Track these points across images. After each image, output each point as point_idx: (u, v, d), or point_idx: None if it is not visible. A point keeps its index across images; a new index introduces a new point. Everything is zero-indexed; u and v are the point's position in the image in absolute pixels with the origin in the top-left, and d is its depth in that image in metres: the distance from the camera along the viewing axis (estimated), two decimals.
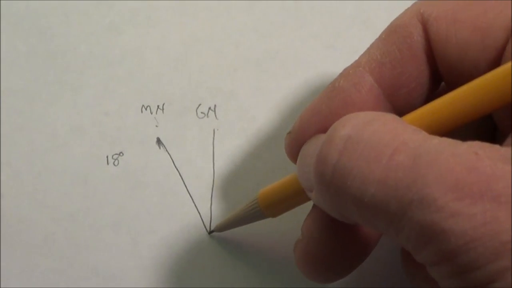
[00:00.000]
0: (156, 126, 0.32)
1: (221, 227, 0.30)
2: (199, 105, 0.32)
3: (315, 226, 0.24)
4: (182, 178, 0.31)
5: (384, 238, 0.26)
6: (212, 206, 0.31)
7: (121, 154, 0.31)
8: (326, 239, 0.24)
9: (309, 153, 0.23)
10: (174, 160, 0.31)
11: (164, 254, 0.30)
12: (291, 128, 0.25)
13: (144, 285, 0.30)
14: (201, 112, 0.32)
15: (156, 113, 0.32)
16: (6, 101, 0.32)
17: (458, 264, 0.18)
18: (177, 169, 0.31)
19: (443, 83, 0.25)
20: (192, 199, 0.31)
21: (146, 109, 0.32)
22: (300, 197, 0.25)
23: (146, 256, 0.30)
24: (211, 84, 0.32)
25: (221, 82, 0.32)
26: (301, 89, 0.32)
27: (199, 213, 0.31)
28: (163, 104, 0.32)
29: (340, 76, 0.24)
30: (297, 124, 0.25)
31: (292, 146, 0.25)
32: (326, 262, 0.24)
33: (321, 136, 0.22)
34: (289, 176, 0.25)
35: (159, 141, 0.32)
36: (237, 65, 0.32)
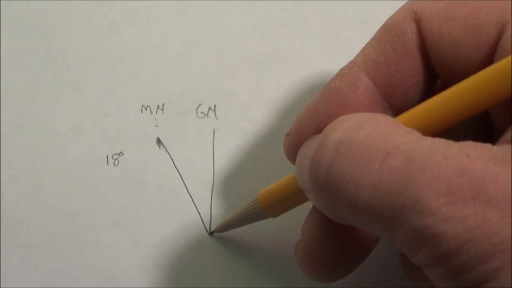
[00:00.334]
0: (156, 126, 0.32)
1: (222, 228, 0.30)
2: (199, 105, 0.32)
3: (315, 227, 0.24)
4: (182, 178, 0.31)
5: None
6: (212, 206, 0.31)
7: (121, 154, 0.31)
8: (326, 240, 0.24)
9: (306, 155, 0.23)
10: (174, 160, 0.31)
11: (164, 254, 0.30)
12: (289, 130, 0.25)
13: (144, 285, 0.30)
14: (201, 112, 0.32)
15: (156, 113, 0.32)
16: (6, 101, 0.32)
17: (452, 266, 0.18)
18: (177, 169, 0.31)
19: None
20: (192, 199, 0.31)
21: (146, 109, 0.32)
22: (300, 197, 0.25)
23: (146, 256, 0.30)
24: (211, 84, 0.32)
25: (221, 82, 0.32)
26: (301, 89, 0.32)
27: (199, 213, 0.31)
28: (163, 104, 0.32)
29: (336, 76, 0.24)
30: (294, 126, 0.25)
31: (291, 148, 0.25)
32: (327, 262, 0.24)
33: (317, 138, 0.22)
34: (288, 176, 0.25)
35: (159, 141, 0.32)
36: (237, 65, 0.32)
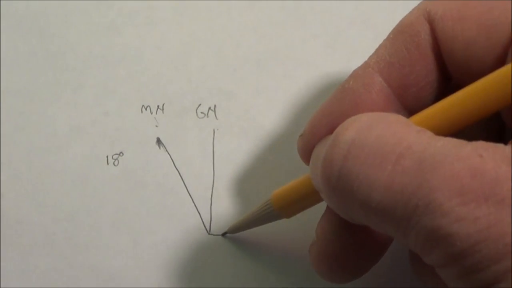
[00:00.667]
0: (156, 126, 0.32)
1: (234, 229, 0.30)
2: (199, 105, 0.32)
3: (329, 228, 0.25)
4: (182, 178, 0.31)
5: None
6: (212, 206, 0.31)
7: (121, 154, 0.31)
8: (341, 240, 0.24)
9: (319, 155, 0.23)
10: (174, 160, 0.31)
11: (164, 254, 0.30)
12: (303, 131, 0.25)
13: (144, 285, 0.30)
14: (201, 112, 0.32)
15: (156, 113, 0.32)
16: (6, 101, 0.32)
17: (464, 266, 0.18)
18: (177, 169, 0.31)
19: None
20: (192, 199, 0.31)
21: (146, 109, 0.32)
22: (314, 198, 0.25)
23: (146, 256, 0.30)
24: (211, 84, 0.32)
25: (221, 82, 0.32)
26: (301, 89, 0.32)
27: (199, 213, 0.31)
28: (163, 104, 0.32)
29: (350, 77, 0.24)
30: (308, 126, 0.25)
31: (305, 148, 0.25)
32: (342, 263, 0.25)
33: (330, 138, 0.22)
34: (303, 177, 0.25)
35: (159, 141, 0.32)
36: (237, 65, 0.32)
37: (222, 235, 0.30)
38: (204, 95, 0.32)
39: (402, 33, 0.24)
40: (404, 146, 0.19)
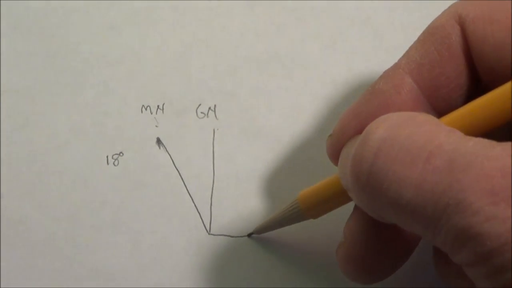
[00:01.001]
0: (156, 126, 0.32)
1: (260, 230, 0.29)
2: (199, 105, 0.32)
3: (357, 228, 0.25)
4: (182, 178, 0.31)
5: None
6: (212, 206, 0.31)
7: (121, 154, 0.31)
8: (369, 241, 0.24)
9: (348, 154, 0.23)
10: (174, 160, 0.31)
11: (164, 254, 0.30)
12: (332, 131, 0.25)
13: (144, 285, 0.30)
14: (201, 112, 0.32)
15: (156, 113, 0.32)
16: (6, 101, 0.32)
17: (494, 265, 0.18)
18: (177, 169, 0.31)
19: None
20: (192, 199, 0.31)
21: (146, 109, 0.32)
22: (342, 198, 0.25)
23: (146, 256, 0.30)
24: (211, 84, 0.32)
25: (221, 82, 0.32)
26: (301, 89, 0.32)
27: (199, 213, 0.31)
28: (163, 104, 0.32)
29: (380, 79, 0.24)
30: (338, 127, 0.25)
31: (333, 148, 0.25)
32: (370, 263, 0.25)
33: (360, 137, 0.22)
34: (331, 177, 0.25)
35: (159, 141, 0.31)
36: (237, 65, 0.32)
37: (248, 236, 0.30)
38: (204, 95, 0.32)
39: (433, 35, 0.24)
40: (435, 145, 0.19)
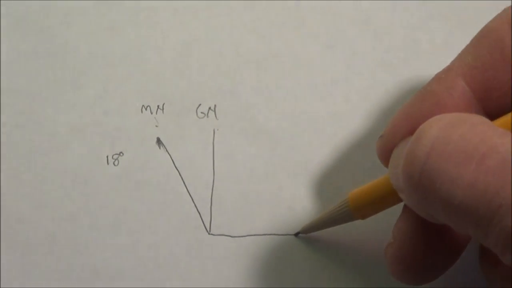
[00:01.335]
0: (156, 126, 0.32)
1: (308, 229, 0.29)
2: (199, 105, 0.32)
3: (407, 229, 0.25)
4: (182, 178, 0.31)
5: None
6: (212, 206, 0.31)
7: (121, 154, 0.31)
8: (418, 241, 0.24)
9: (400, 155, 0.23)
10: (174, 160, 0.31)
11: (164, 254, 0.30)
12: (383, 132, 0.25)
13: (144, 285, 0.30)
14: (201, 112, 0.32)
15: (156, 113, 0.32)
16: (6, 101, 0.32)
17: None
18: (177, 169, 0.31)
19: None
20: (192, 199, 0.31)
21: (146, 109, 0.32)
22: (392, 199, 0.25)
23: (146, 256, 0.30)
24: (211, 84, 0.32)
25: (221, 82, 0.32)
26: (301, 89, 0.32)
27: (199, 213, 0.31)
28: (163, 104, 0.32)
29: (432, 80, 0.25)
30: (389, 128, 0.25)
31: (384, 150, 0.25)
32: (419, 265, 0.24)
33: (413, 137, 0.22)
34: (381, 178, 0.25)
35: (159, 141, 0.32)
36: (237, 65, 0.32)
37: (295, 235, 0.30)
38: (204, 95, 0.32)
39: (486, 38, 0.24)
40: (489, 146, 0.19)
